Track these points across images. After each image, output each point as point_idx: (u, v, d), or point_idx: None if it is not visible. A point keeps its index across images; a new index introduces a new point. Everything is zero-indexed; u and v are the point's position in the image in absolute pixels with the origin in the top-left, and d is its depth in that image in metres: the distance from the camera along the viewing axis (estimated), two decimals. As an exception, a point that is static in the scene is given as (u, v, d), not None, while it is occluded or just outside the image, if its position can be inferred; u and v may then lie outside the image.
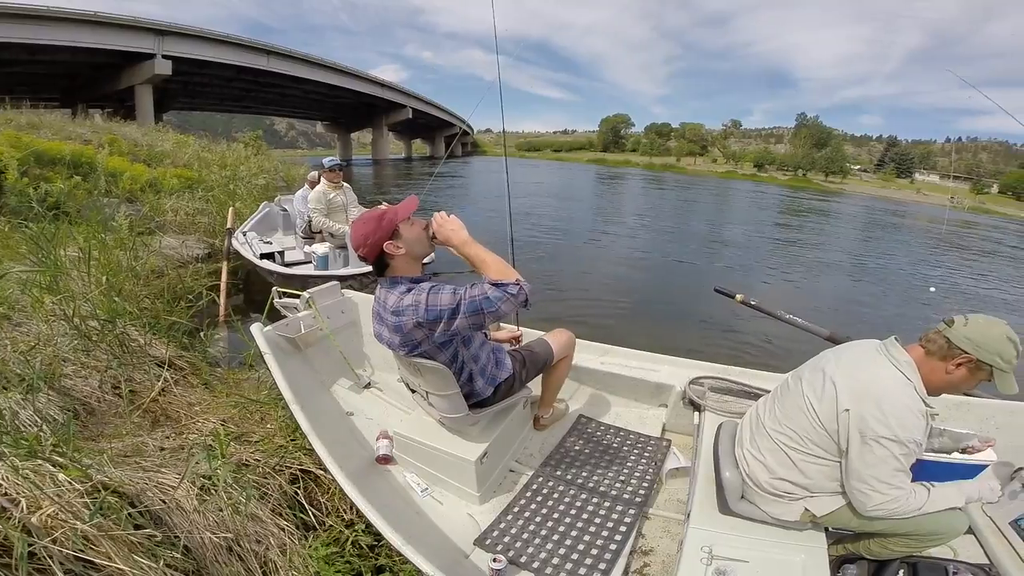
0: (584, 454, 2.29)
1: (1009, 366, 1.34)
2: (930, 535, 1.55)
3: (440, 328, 1.59)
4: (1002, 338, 1.33)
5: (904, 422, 1.36)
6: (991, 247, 17.87)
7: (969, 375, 1.38)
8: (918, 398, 1.39)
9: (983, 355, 1.33)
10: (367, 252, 1.66)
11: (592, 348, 2.79)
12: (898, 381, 1.41)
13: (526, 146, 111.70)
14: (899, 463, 1.38)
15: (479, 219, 12.25)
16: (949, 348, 1.37)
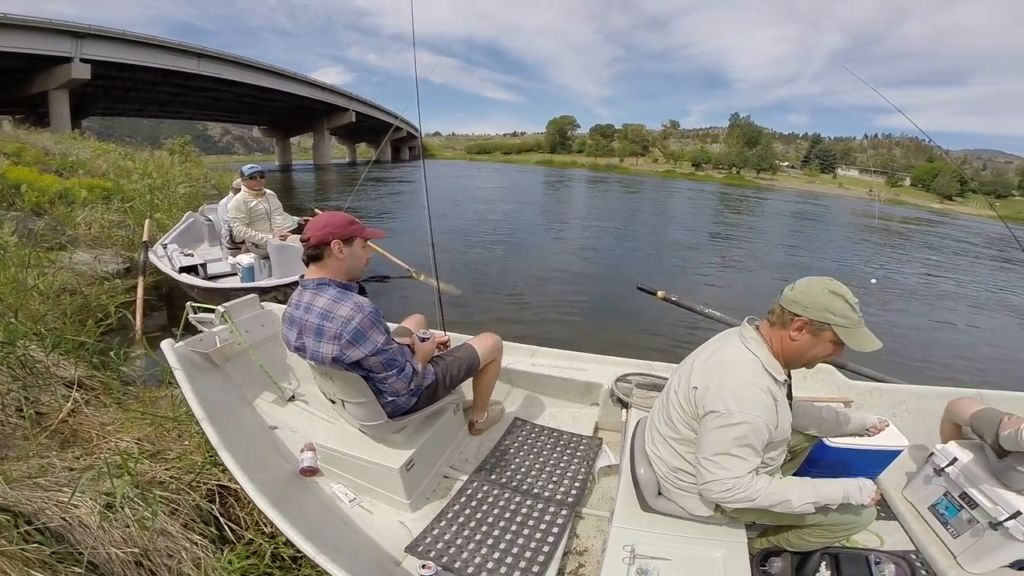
0: (519, 457, 2.31)
1: (846, 320, 1.30)
2: (840, 526, 1.54)
3: (352, 351, 1.61)
4: (824, 292, 1.30)
5: (739, 395, 1.33)
6: (912, 237, 19.60)
7: (813, 338, 1.34)
8: (762, 372, 1.36)
9: (812, 313, 1.30)
10: (317, 236, 1.67)
11: (523, 350, 2.83)
12: (741, 356, 1.40)
13: (476, 149, 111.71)
14: (736, 441, 1.33)
15: (421, 224, 12.17)
16: (783, 314, 1.36)
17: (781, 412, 1.39)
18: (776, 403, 1.36)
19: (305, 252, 1.72)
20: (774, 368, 1.38)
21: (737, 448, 1.33)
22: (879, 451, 2.20)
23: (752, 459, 1.35)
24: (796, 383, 2.61)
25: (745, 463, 1.34)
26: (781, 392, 1.40)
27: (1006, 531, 1.80)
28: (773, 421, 1.35)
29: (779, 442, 1.45)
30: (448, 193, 21.16)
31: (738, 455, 1.34)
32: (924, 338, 6.40)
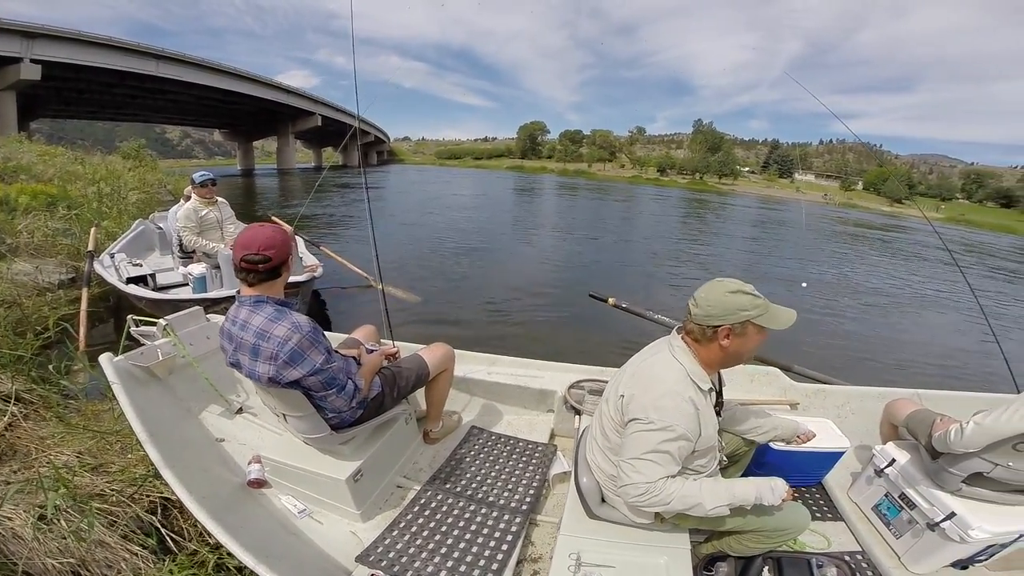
0: (474, 465, 2.32)
1: (758, 308, 1.34)
2: (776, 531, 1.57)
3: (289, 372, 1.59)
4: (727, 296, 1.34)
5: (660, 404, 1.36)
6: (862, 239, 20.52)
7: (740, 338, 1.37)
8: (685, 381, 1.39)
9: (731, 319, 1.33)
10: (276, 255, 1.59)
11: (481, 359, 2.87)
12: (667, 366, 1.43)
13: (446, 154, 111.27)
14: (653, 447, 1.35)
15: (390, 232, 12.04)
16: (704, 331, 1.38)
17: (704, 420, 1.42)
18: (698, 412, 1.38)
19: (260, 271, 1.59)
20: (699, 377, 1.41)
21: (654, 454, 1.35)
22: (823, 453, 2.25)
23: (669, 466, 1.37)
24: (744, 387, 2.80)
25: (661, 468, 1.36)
26: (705, 400, 1.44)
27: (943, 532, 1.83)
28: (694, 430, 1.38)
29: (705, 450, 1.48)
30: (416, 199, 21.04)
31: (654, 460, 1.36)
32: (868, 339, 6.64)
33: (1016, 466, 1.75)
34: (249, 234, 1.60)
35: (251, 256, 1.56)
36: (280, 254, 1.61)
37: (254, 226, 1.66)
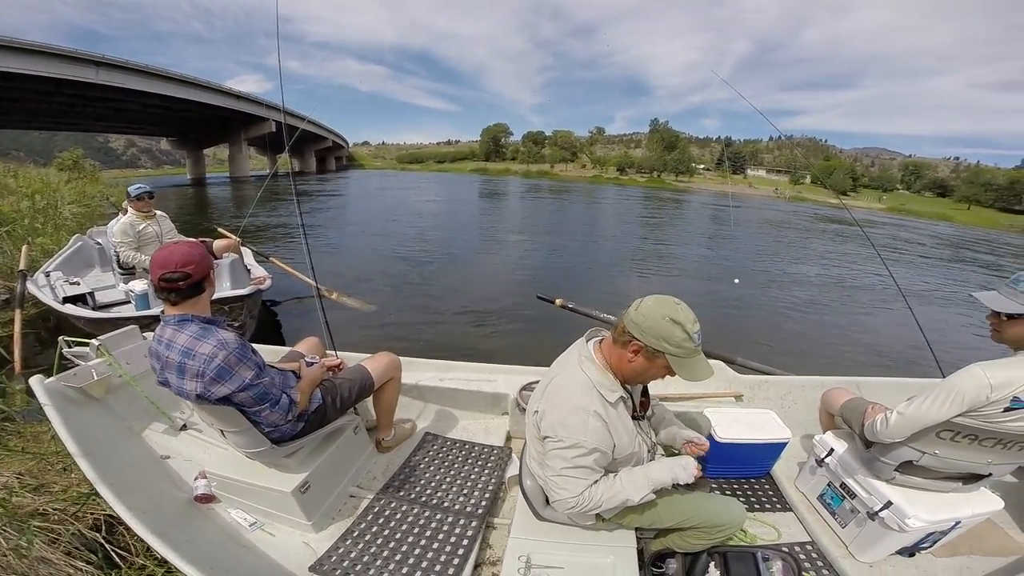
0: (429, 471, 2.33)
1: (681, 350, 1.29)
2: (714, 527, 1.61)
3: (217, 388, 1.59)
4: (664, 319, 1.27)
5: (566, 421, 1.37)
6: (810, 231, 21.49)
7: (647, 362, 1.34)
8: (590, 395, 1.38)
9: (648, 340, 1.29)
10: (196, 270, 1.57)
11: (434, 365, 2.87)
12: (573, 380, 1.42)
13: (408, 158, 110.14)
14: (570, 463, 1.38)
15: (348, 240, 11.91)
16: (623, 333, 1.34)
17: (617, 431, 1.42)
18: (607, 424, 1.38)
19: (181, 288, 1.57)
20: (606, 388, 1.40)
21: (571, 469, 1.39)
22: (766, 444, 2.33)
23: (589, 476, 1.41)
24: None
25: (582, 481, 1.40)
26: (616, 411, 1.43)
27: (883, 521, 1.85)
28: (604, 442, 1.38)
29: (628, 456, 1.50)
30: (375, 206, 20.86)
31: (573, 476, 1.39)
32: (808, 329, 6.97)
33: (942, 454, 1.76)
34: (164, 252, 1.57)
35: (170, 274, 1.54)
36: (200, 269, 1.59)
37: (169, 244, 1.63)
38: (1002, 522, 2.22)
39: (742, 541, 2.05)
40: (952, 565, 1.96)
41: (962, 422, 1.66)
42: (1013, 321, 1.61)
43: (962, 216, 65.51)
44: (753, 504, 2.30)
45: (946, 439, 1.73)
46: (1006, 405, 1.57)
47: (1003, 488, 2.38)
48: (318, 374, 2.08)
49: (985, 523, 2.12)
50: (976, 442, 1.70)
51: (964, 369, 1.65)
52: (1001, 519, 2.23)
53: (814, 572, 1.93)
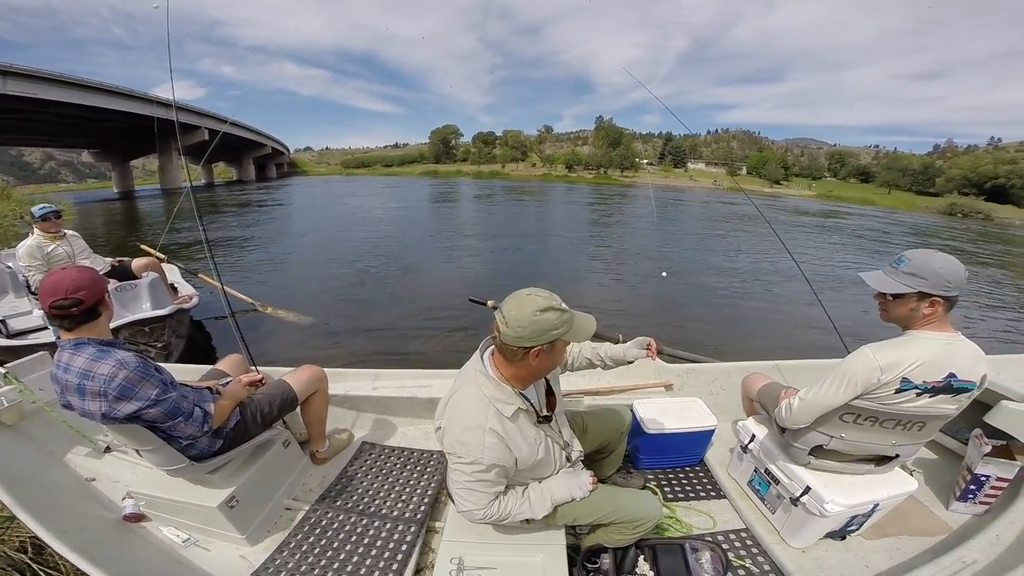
0: (366, 480, 2.33)
1: (565, 325, 1.35)
2: (632, 522, 1.64)
3: (122, 406, 1.58)
4: (537, 316, 1.31)
5: (463, 439, 1.38)
6: (745, 219, 22.57)
7: (551, 354, 1.39)
8: (486, 412, 1.39)
9: (541, 340, 1.32)
10: (88, 295, 1.55)
11: (364, 375, 2.86)
12: (469, 397, 1.43)
13: (354, 163, 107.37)
14: (471, 477, 1.40)
15: (288, 251, 11.60)
16: (516, 351, 1.35)
17: (516, 444, 1.43)
18: (504, 438, 1.39)
19: (75, 315, 1.56)
20: (501, 402, 1.41)
21: (474, 483, 1.41)
22: (694, 432, 2.37)
23: (492, 489, 1.44)
24: (620, 372, 2.87)
25: (485, 495, 1.44)
26: (515, 424, 1.44)
27: (805, 507, 1.86)
28: (503, 457, 1.39)
29: (534, 465, 1.52)
30: (319, 214, 20.26)
31: (476, 489, 1.42)
32: (733, 315, 7.25)
33: (848, 437, 1.76)
34: (53, 279, 1.56)
35: (60, 302, 1.53)
36: (92, 293, 1.58)
37: (56, 270, 1.62)
38: (927, 500, 2.29)
39: (678, 531, 2.07)
40: (882, 546, 1.99)
41: (860, 405, 1.66)
42: (898, 301, 1.60)
43: (884, 200, 70.80)
44: (688, 493, 2.33)
45: (849, 422, 1.73)
46: (896, 387, 1.58)
47: (925, 466, 2.53)
48: (236, 390, 2.10)
49: (911, 503, 2.20)
50: (877, 424, 1.70)
51: (855, 352, 1.65)
52: (926, 497, 2.30)
53: (749, 560, 1.93)
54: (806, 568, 1.87)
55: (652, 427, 2.32)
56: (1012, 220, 59.62)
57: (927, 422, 1.68)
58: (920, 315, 1.57)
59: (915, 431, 1.71)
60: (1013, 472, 2.12)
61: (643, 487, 2.30)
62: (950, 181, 73.24)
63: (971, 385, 1.59)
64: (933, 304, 1.54)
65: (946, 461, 2.52)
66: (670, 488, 2.36)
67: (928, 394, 1.58)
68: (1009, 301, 10.08)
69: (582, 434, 1.95)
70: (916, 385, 1.57)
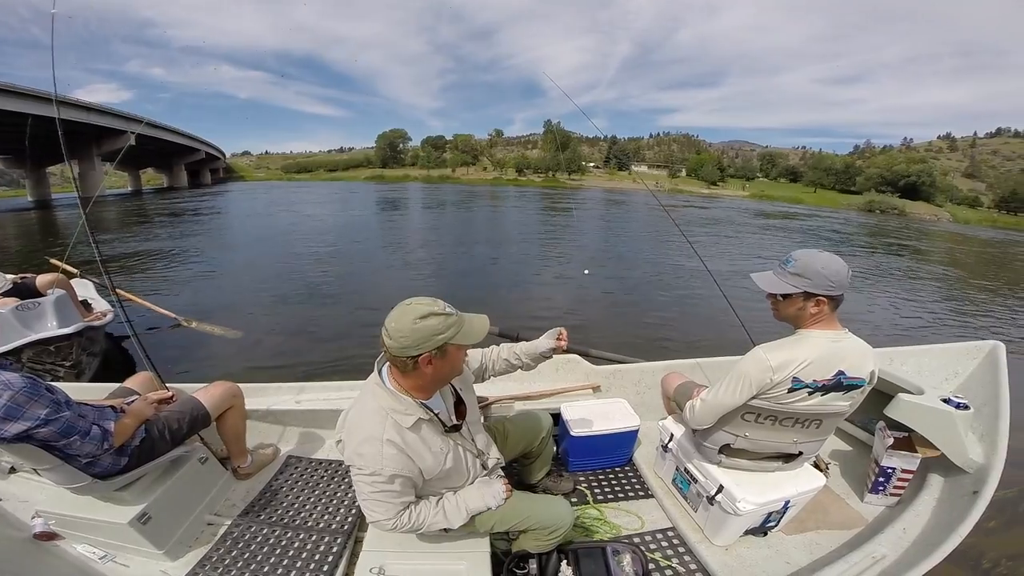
0: (292, 493, 2.31)
1: (452, 328, 1.34)
2: (545, 528, 1.65)
3: (9, 426, 1.57)
4: (418, 323, 1.30)
5: (362, 451, 1.37)
6: (682, 219, 23.47)
7: (443, 360, 1.37)
8: (385, 423, 1.38)
9: (427, 347, 1.31)
10: None
11: (288, 388, 2.82)
12: (366, 409, 1.42)
13: (295, 167, 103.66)
14: (374, 488, 1.39)
15: (221, 263, 11.15)
16: (406, 361, 1.34)
17: (418, 454, 1.42)
18: (404, 449, 1.39)
19: None
20: (400, 413, 1.40)
21: (378, 494, 1.40)
22: (618, 433, 2.38)
23: (398, 499, 1.43)
24: (550, 376, 2.91)
25: (391, 505, 1.42)
26: (417, 434, 1.43)
27: (720, 505, 1.88)
28: (405, 467, 1.39)
29: (443, 473, 1.51)
30: (257, 222, 19.43)
31: (380, 500, 1.41)
32: (658, 315, 7.34)
33: (752, 436, 1.78)
34: None
35: None
36: None
37: None
38: (843, 493, 2.35)
39: (608, 533, 2.08)
40: (801, 541, 2.03)
41: (757, 405, 1.68)
42: (787, 301, 1.62)
43: (811, 198, 75.88)
44: (618, 494, 2.35)
45: (751, 421, 1.74)
46: (789, 386, 1.60)
47: (841, 459, 2.60)
48: (142, 408, 2.07)
49: (829, 496, 2.28)
50: (777, 423, 1.72)
51: (749, 352, 1.67)
52: (842, 490, 2.37)
53: (676, 559, 1.95)
54: (729, 566, 1.89)
55: (578, 429, 2.34)
56: (923, 215, 65.65)
57: (823, 419, 1.72)
58: (808, 314, 1.59)
59: (813, 429, 1.74)
60: (915, 464, 2.17)
61: (573, 490, 2.33)
62: (869, 180, 79.44)
63: (861, 382, 1.62)
64: (819, 303, 1.56)
65: (859, 454, 2.58)
66: (600, 489, 2.38)
67: (820, 392, 1.61)
68: (920, 293, 10.91)
69: (503, 441, 1.98)
70: (807, 384, 1.59)
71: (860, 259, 15.68)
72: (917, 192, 75.72)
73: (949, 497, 2.09)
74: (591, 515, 2.17)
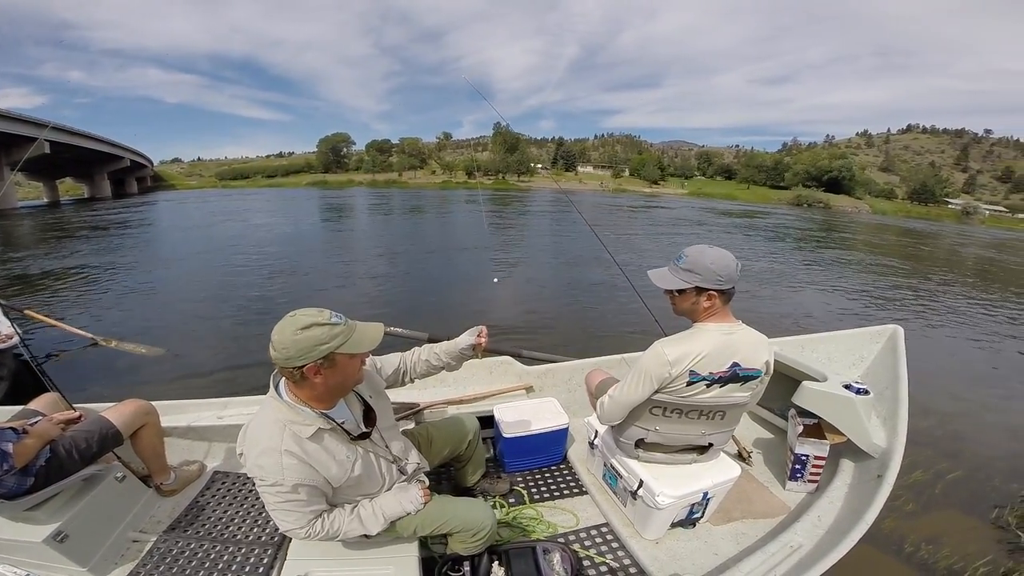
0: (220, 508, 2.31)
1: (339, 338, 1.33)
2: (468, 531, 1.65)
3: None
4: (300, 334, 1.29)
5: (260, 463, 1.36)
6: (625, 217, 24.10)
7: (333, 369, 1.35)
8: (282, 435, 1.37)
9: (312, 357, 1.30)
10: None
11: (211, 404, 2.80)
12: (263, 421, 1.42)
13: (231, 174, 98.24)
14: (280, 498, 1.38)
15: (153, 281, 10.56)
16: (292, 373, 1.34)
17: (322, 463, 1.42)
18: (304, 459, 1.38)
19: None
20: (298, 424, 1.39)
21: (284, 504, 1.39)
22: (549, 432, 2.40)
23: (308, 508, 1.42)
24: (484, 379, 2.91)
25: (300, 515, 1.42)
26: (319, 444, 1.42)
27: (643, 500, 1.90)
28: (308, 476, 1.38)
29: (353, 481, 1.51)
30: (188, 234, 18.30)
31: (288, 510, 1.40)
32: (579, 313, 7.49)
33: (662, 429, 1.79)
34: None
35: None
36: None
37: None
38: (767, 481, 2.39)
39: (544, 532, 2.10)
40: (728, 532, 2.06)
41: (661, 399, 1.69)
42: (682, 296, 1.65)
43: (744, 194, 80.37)
44: (554, 492, 2.37)
45: (659, 415, 1.76)
46: (687, 379, 1.62)
47: (764, 446, 2.65)
48: (46, 428, 2.05)
49: (753, 485, 2.33)
50: (683, 416, 1.74)
51: (650, 347, 1.69)
52: (766, 478, 2.42)
53: (610, 555, 1.97)
54: (660, 560, 1.91)
55: (510, 430, 2.37)
56: (846, 207, 70.95)
57: (727, 411, 1.75)
58: (701, 308, 1.63)
59: (719, 420, 1.77)
60: (825, 451, 2.21)
61: (510, 490, 2.36)
62: (796, 175, 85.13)
63: (756, 372, 1.66)
64: (711, 297, 1.61)
65: (781, 442, 2.59)
66: (536, 489, 2.40)
67: (718, 384, 1.65)
68: (841, 281, 11.74)
69: (427, 446, 2.00)
70: (704, 377, 1.62)
71: (788, 251, 16.71)
72: (839, 186, 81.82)
73: (859, 482, 2.13)
74: (528, 515, 2.20)
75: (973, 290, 11.91)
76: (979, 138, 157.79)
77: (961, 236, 35.61)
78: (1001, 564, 2.70)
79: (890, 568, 2.67)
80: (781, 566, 1.67)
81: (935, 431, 4.23)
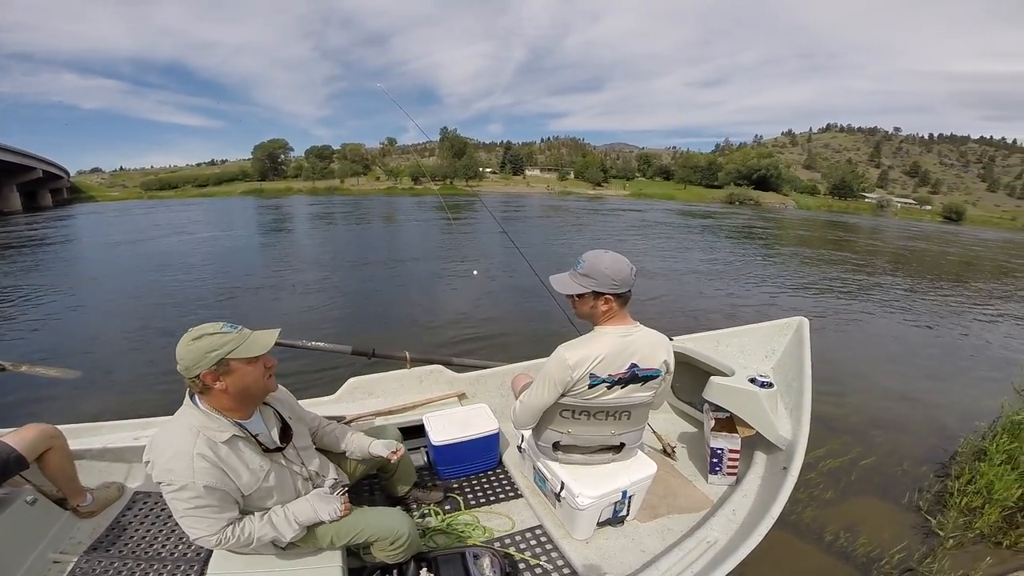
0: (143, 527, 2.30)
1: (231, 344, 1.35)
2: (386, 539, 1.65)
3: None
4: (192, 346, 1.33)
5: (170, 466, 1.35)
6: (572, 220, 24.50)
7: (235, 376, 1.38)
8: (195, 439, 1.37)
9: (205, 363, 1.33)
10: None
11: (127, 425, 2.76)
12: (175, 428, 1.42)
13: (157, 184, 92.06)
14: (189, 504, 1.36)
15: (69, 302, 9.78)
16: (194, 381, 1.37)
17: (233, 469, 1.42)
18: (217, 463, 1.38)
19: None
20: (213, 430, 1.40)
21: (194, 510, 1.38)
22: (480, 438, 2.40)
23: (219, 514, 1.41)
24: (415, 388, 2.87)
25: (212, 521, 1.40)
26: (232, 449, 1.44)
27: (566, 501, 1.92)
28: (220, 480, 1.39)
29: (265, 490, 1.52)
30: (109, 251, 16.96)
31: (198, 516, 1.39)
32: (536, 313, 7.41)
33: (575, 431, 1.81)
34: None
35: None
36: None
37: None
38: (690, 475, 2.43)
39: (481, 537, 2.09)
40: (654, 528, 2.09)
41: (567, 402, 1.72)
42: (581, 300, 1.68)
43: (682, 194, 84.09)
44: (489, 497, 2.37)
45: (568, 418, 1.78)
46: (588, 382, 1.65)
47: (687, 441, 2.70)
48: None
49: (677, 479, 2.37)
50: (591, 417, 1.76)
51: (554, 352, 1.71)
52: (689, 472, 2.45)
53: (544, 556, 1.98)
54: (590, 559, 1.94)
55: (439, 438, 2.37)
56: (774, 203, 75.68)
57: (631, 411, 1.79)
58: (600, 312, 1.66)
59: (625, 420, 1.80)
60: (738, 444, 2.26)
61: (444, 497, 2.37)
62: (728, 175, 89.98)
63: (656, 372, 1.70)
64: (607, 301, 1.63)
65: (703, 435, 2.61)
66: (472, 494, 2.40)
67: (618, 386, 1.68)
68: (767, 272, 12.47)
69: (345, 459, 2.00)
70: (603, 379, 1.66)
71: (721, 248, 17.56)
72: (767, 183, 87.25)
73: (770, 475, 2.18)
74: (464, 521, 2.20)
75: (889, 276, 12.95)
76: (890, 135, 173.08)
77: (877, 229, 38.35)
78: (915, 550, 2.76)
79: (812, 557, 2.71)
80: (698, 562, 1.71)
81: (850, 417, 4.40)
